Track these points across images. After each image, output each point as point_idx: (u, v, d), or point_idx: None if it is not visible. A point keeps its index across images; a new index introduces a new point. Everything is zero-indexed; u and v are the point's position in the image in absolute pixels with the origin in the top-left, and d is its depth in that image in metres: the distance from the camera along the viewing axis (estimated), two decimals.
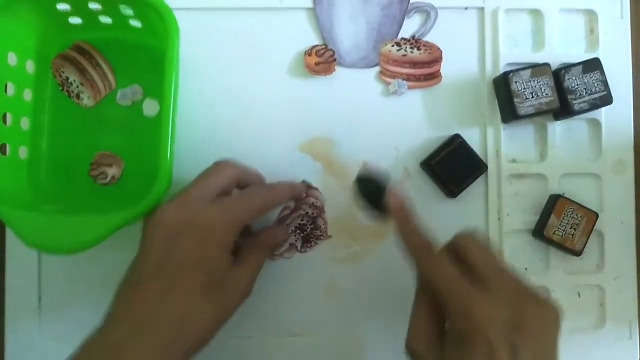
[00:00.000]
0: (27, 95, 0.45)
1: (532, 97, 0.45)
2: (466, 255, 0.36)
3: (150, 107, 0.47)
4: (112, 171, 0.46)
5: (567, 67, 0.46)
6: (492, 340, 0.32)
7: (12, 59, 0.43)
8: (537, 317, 0.34)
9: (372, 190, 0.41)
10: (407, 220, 0.39)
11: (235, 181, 0.40)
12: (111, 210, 0.39)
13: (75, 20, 0.45)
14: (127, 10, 0.43)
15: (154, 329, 0.34)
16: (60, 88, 0.46)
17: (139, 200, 0.39)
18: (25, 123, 0.45)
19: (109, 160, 0.46)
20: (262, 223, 0.47)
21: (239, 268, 0.39)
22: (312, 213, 0.47)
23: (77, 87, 0.46)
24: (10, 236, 0.47)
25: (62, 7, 0.43)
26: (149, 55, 0.46)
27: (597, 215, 0.46)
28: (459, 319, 0.34)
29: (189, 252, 0.36)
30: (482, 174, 0.47)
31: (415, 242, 0.38)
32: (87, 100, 0.46)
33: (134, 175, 0.47)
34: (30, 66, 0.45)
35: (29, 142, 0.45)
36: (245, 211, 0.39)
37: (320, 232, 0.47)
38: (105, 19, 0.45)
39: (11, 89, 0.43)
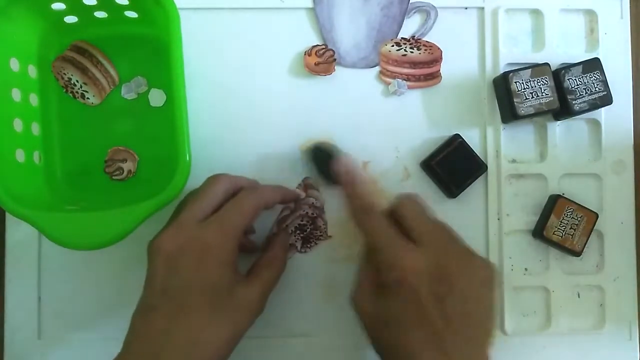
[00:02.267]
0: (34, 100, 0.45)
1: (532, 97, 0.45)
2: (401, 215, 0.39)
3: (156, 97, 0.47)
4: (127, 166, 0.46)
5: (567, 67, 0.46)
6: (418, 290, 0.35)
7: (14, 65, 0.42)
8: (464, 271, 0.36)
9: (323, 158, 0.45)
10: (351, 185, 0.42)
11: (228, 194, 0.40)
12: (133, 202, 0.39)
13: (71, 19, 0.45)
14: (122, 1, 0.43)
15: (166, 357, 0.34)
16: (64, 90, 0.47)
17: (158, 189, 0.39)
18: (35, 128, 0.45)
19: (123, 156, 0.46)
20: (261, 226, 0.47)
21: (248, 284, 0.39)
22: (312, 213, 0.47)
23: (81, 87, 0.46)
24: (10, 236, 0.47)
25: (57, 6, 0.43)
26: (148, 46, 0.47)
27: (597, 215, 0.46)
28: (388, 270, 0.36)
29: (190, 275, 0.36)
30: (482, 174, 0.47)
31: (356, 205, 0.41)
32: (92, 98, 0.47)
33: (150, 166, 0.47)
34: (32, 71, 0.45)
35: (42, 147, 0.45)
36: (237, 219, 0.39)
37: (320, 232, 0.47)
38: (101, 14, 0.45)
39: (17, 95, 0.43)
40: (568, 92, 0.45)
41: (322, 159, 0.45)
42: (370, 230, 0.39)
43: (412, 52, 0.47)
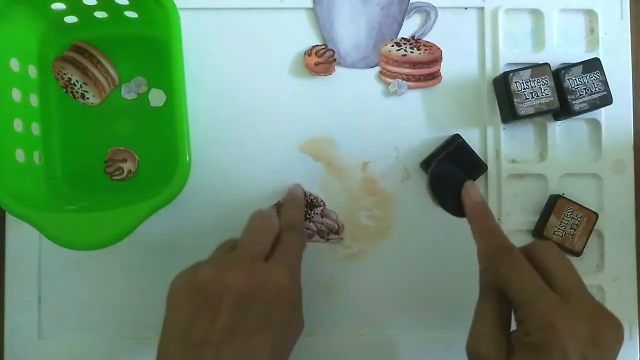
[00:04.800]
0: (34, 100, 0.45)
1: (532, 97, 0.45)
2: (544, 264, 0.35)
3: (156, 97, 0.47)
4: (127, 166, 0.46)
5: (567, 67, 0.46)
6: (568, 353, 0.32)
7: (14, 65, 0.42)
8: (611, 336, 0.34)
9: (445, 184, 0.40)
10: (484, 220, 0.39)
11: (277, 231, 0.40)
12: (133, 202, 0.39)
13: (71, 19, 0.45)
14: (122, 1, 0.43)
15: None
16: (64, 90, 0.47)
17: (158, 189, 0.39)
18: (35, 128, 0.45)
19: (122, 156, 0.46)
20: None
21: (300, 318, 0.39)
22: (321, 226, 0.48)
23: (81, 87, 0.46)
24: (10, 236, 0.47)
25: (57, 6, 0.43)
26: (148, 46, 0.47)
27: (597, 215, 0.46)
28: (539, 329, 0.33)
29: (261, 316, 0.35)
30: (482, 174, 0.47)
31: (494, 242, 0.37)
32: (92, 99, 0.47)
33: (150, 166, 0.47)
34: (32, 71, 0.45)
35: (42, 147, 0.45)
36: (299, 258, 0.39)
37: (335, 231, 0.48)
38: (101, 14, 0.45)
39: (17, 95, 0.43)
40: (568, 92, 0.45)
41: (444, 184, 0.40)
42: (514, 279, 0.35)
43: (412, 52, 0.47)
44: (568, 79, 0.45)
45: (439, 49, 0.48)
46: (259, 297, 0.35)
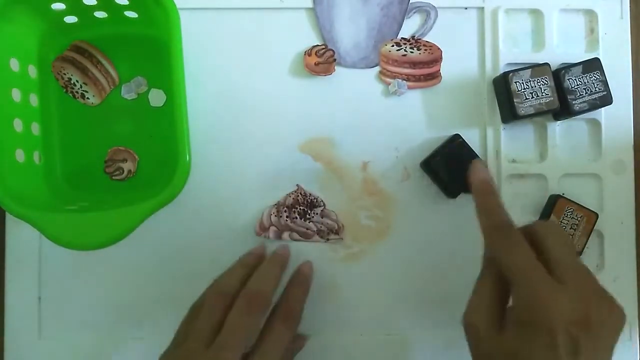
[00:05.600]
0: (34, 100, 0.45)
1: (532, 97, 0.45)
2: (544, 243, 0.36)
3: (156, 97, 0.47)
4: (127, 166, 0.46)
5: (567, 67, 0.46)
6: (556, 332, 0.32)
7: (14, 65, 0.42)
8: (605, 318, 0.33)
9: (454, 159, 0.40)
10: (488, 197, 0.38)
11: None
12: (133, 202, 0.39)
13: (71, 19, 0.45)
14: (122, 1, 0.43)
15: None
16: (64, 90, 0.47)
17: (158, 189, 0.39)
18: (35, 128, 0.45)
19: (122, 156, 0.46)
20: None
21: None
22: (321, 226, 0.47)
23: (81, 87, 0.46)
24: (10, 236, 0.47)
25: (57, 6, 0.43)
26: (148, 46, 0.47)
27: (597, 215, 0.46)
28: (528, 307, 0.33)
29: None
30: None
31: (495, 221, 0.37)
32: (92, 99, 0.47)
33: (150, 166, 0.47)
34: (32, 71, 0.45)
35: (42, 147, 0.45)
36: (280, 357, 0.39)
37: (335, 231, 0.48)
38: (101, 14, 0.45)
39: (17, 95, 0.43)
40: (568, 92, 0.45)
41: (453, 159, 0.40)
42: (510, 256, 0.35)
43: (412, 52, 0.47)
44: (568, 79, 0.45)
45: (439, 49, 0.48)
46: None
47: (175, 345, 0.38)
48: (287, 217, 0.47)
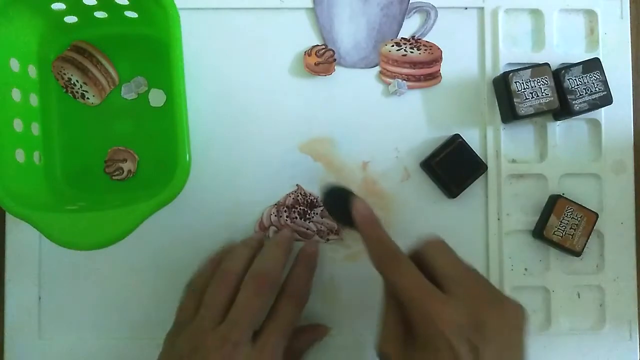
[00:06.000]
0: (34, 100, 0.45)
1: (532, 97, 0.45)
2: (429, 261, 0.37)
3: (156, 97, 0.47)
4: (127, 166, 0.46)
5: (567, 67, 0.46)
6: (453, 343, 0.33)
7: (14, 65, 0.42)
8: (496, 318, 0.35)
9: (337, 202, 0.42)
10: (372, 230, 0.40)
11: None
12: (133, 202, 0.39)
13: (71, 19, 0.45)
14: (122, 1, 0.43)
15: None
16: (64, 90, 0.47)
17: (158, 189, 0.39)
18: (35, 128, 0.45)
19: (122, 156, 0.46)
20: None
21: None
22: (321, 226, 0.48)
23: (81, 87, 0.46)
24: (10, 236, 0.47)
25: (57, 6, 0.43)
26: (148, 46, 0.47)
27: (597, 215, 0.46)
28: (421, 324, 0.35)
29: None
30: (482, 174, 0.47)
31: (380, 251, 0.39)
32: (92, 99, 0.47)
33: (150, 166, 0.47)
34: (32, 71, 0.45)
35: (42, 147, 0.45)
36: (287, 336, 0.39)
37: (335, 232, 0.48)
38: (101, 14, 0.45)
39: (17, 95, 0.42)
40: (568, 92, 0.45)
41: (336, 202, 0.42)
42: (399, 280, 0.37)
43: (412, 52, 0.47)
44: (568, 79, 0.45)
45: (439, 49, 0.48)
46: None
47: (182, 323, 0.39)
48: (287, 217, 0.47)
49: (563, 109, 0.45)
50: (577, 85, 0.45)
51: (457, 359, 0.33)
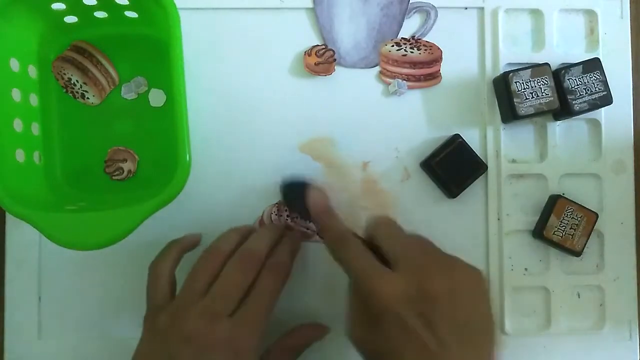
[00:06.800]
0: (34, 100, 0.45)
1: (532, 97, 0.45)
2: (375, 238, 0.38)
3: (156, 97, 0.47)
4: (127, 166, 0.46)
5: (567, 67, 0.46)
6: (402, 315, 0.33)
7: (14, 65, 0.42)
8: (445, 285, 0.34)
9: (297, 195, 0.42)
10: (325, 216, 0.41)
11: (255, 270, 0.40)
12: (133, 202, 0.39)
13: (71, 19, 0.45)
14: (122, 1, 0.43)
15: None
16: (64, 90, 0.47)
17: (158, 189, 0.39)
18: (35, 128, 0.45)
19: (122, 156, 0.46)
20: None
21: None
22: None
23: (81, 87, 0.46)
24: (10, 236, 0.47)
25: (57, 6, 0.43)
26: (148, 46, 0.47)
27: (597, 215, 0.46)
28: (369, 300, 0.35)
29: None
30: (482, 174, 0.47)
31: (334, 238, 0.39)
32: (92, 99, 0.47)
33: (150, 166, 0.47)
34: (32, 71, 0.45)
35: (42, 147, 0.45)
36: (267, 313, 0.39)
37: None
38: (101, 14, 0.45)
39: (17, 95, 0.42)
40: (568, 92, 0.45)
41: (295, 193, 0.43)
42: (346, 260, 0.37)
43: (412, 52, 0.47)
44: (568, 79, 0.45)
45: (439, 49, 0.48)
46: (219, 354, 0.36)
47: (160, 304, 0.39)
48: (287, 216, 0.47)
49: (563, 109, 0.45)
50: (577, 85, 0.45)
51: (407, 329, 0.33)
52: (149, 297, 0.41)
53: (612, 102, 0.46)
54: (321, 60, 0.47)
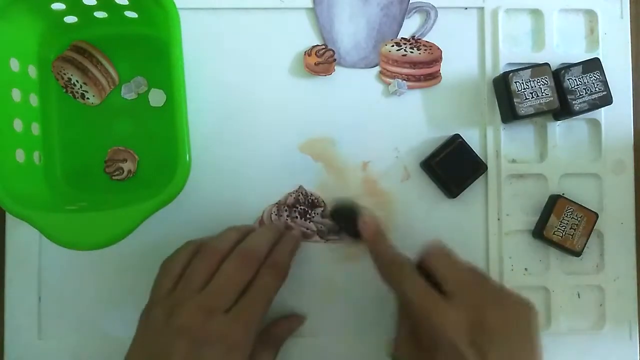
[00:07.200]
0: (34, 100, 0.45)
1: (532, 97, 0.45)
2: (431, 267, 0.39)
3: (156, 97, 0.47)
4: (127, 166, 0.46)
5: (567, 67, 0.46)
6: (457, 344, 0.34)
7: (14, 65, 0.42)
8: (500, 317, 0.35)
9: (345, 216, 0.44)
10: (378, 243, 0.42)
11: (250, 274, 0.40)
12: (133, 202, 0.39)
13: (71, 19, 0.45)
14: (122, 1, 0.43)
15: None
16: (64, 90, 0.47)
17: (158, 189, 0.39)
18: (35, 128, 0.45)
19: (122, 156, 0.46)
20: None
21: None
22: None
23: (81, 87, 0.46)
24: (10, 236, 0.47)
25: (57, 6, 0.43)
26: (148, 46, 0.47)
27: (597, 215, 0.46)
28: (427, 330, 0.36)
29: None
30: (482, 174, 0.47)
31: (387, 262, 0.40)
32: (92, 99, 0.47)
33: (150, 166, 0.47)
34: (32, 71, 0.45)
35: (42, 147, 0.45)
36: (262, 311, 0.39)
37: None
38: (101, 14, 0.45)
39: (17, 95, 0.43)
40: (568, 92, 0.45)
41: (345, 216, 0.45)
42: (402, 286, 0.38)
43: (412, 52, 0.47)
44: (568, 79, 0.45)
45: (439, 49, 0.48)
46: (213, 348, 0.36)
47: (158, 298, 0.39)
48: (287, 216, 0.47)
49: (563, 109, 0.45)
50: (577, 85, 0.45)
51: (461, 358, 0.34)
52: (152, 292, 0.41)
53: (612, 102, 0.46)
54: (321, 60, 0.47)
